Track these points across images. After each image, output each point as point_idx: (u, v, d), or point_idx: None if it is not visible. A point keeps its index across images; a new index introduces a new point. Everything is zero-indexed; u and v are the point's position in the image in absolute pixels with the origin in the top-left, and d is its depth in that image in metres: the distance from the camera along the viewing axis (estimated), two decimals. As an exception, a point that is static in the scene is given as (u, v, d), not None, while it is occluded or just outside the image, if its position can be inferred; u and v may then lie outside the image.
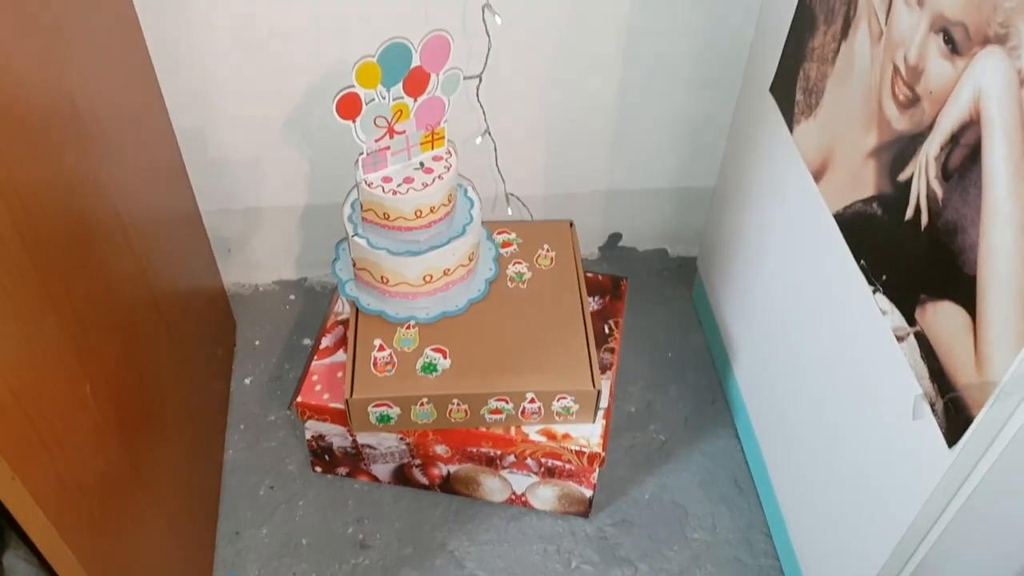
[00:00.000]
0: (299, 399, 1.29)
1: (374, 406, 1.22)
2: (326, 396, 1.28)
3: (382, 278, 1.26)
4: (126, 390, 1.02)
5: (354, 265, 1.30)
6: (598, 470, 1.29)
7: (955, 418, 0.83)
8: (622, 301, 1.46)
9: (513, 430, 1.26)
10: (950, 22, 0.81)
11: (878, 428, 0.99)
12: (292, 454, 1.45)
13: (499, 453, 1.29)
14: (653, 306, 1.69)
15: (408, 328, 1.28)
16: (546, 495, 1.36)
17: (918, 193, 0.88)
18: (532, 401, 1.23)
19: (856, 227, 1.01)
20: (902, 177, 0.91)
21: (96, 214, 0.98)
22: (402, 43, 1.10)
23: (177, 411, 1.22)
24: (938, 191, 0.84)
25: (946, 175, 0.83)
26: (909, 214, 0.89)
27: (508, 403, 1.23)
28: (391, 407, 1.23)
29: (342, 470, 1.41)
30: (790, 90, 1.16)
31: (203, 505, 1.33)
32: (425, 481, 1.39)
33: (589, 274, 1.47)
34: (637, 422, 1.51)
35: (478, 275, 1.35)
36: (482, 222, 1.34)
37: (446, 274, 1.27)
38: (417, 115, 1.18)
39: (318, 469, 1.42)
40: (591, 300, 1.44)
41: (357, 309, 1.30)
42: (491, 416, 1.25)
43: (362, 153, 1.18)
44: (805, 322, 1.18)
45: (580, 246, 1.45)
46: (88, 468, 0.88)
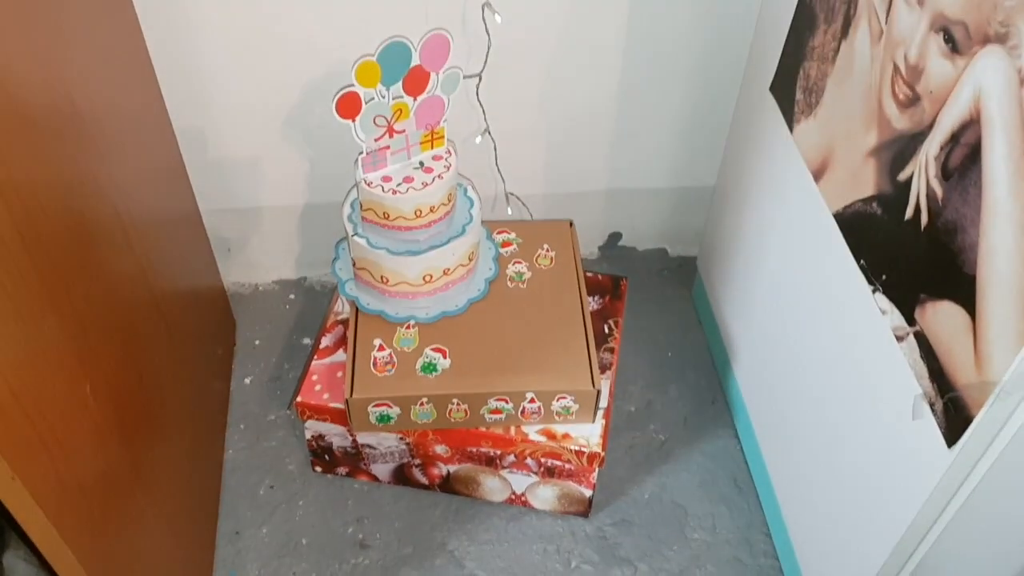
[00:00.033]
0: (299, 399, 1.29)
1: (374, 406, 1.22)
2: (326, 396, 1.28)
3: (382, 278, 1.26)
4: (126, 390, 1.02)
5: (354, 265, 1.30)
6: (598, 470, 1.29)
7: (955, 418, 0.83)
8: (622, 301, 1.46)
9: (513, 430, 1.26)
10: (950, 21, 0.81)
11: (878, 428, 0.99)
12: (292, 454, 1.46)
13: (499, 453, 1.29)
14: (653, 306, 1.69)
15: (408, 328, 1.28)
16: (546, 495, 1.36)
17: (918, 192, 0.88)
18: (532, 401, 1.23)
19: (856, 226, 1.01)
20: (902, 176, 0.91)
21: (96, 214, 0.98)
22: (402, 42, 1.10)
23: (177, 411, 1.22)
24: (938, 190, 0.84)
25: (946, 174, 0.83)
26: (909, 214, 0.89)
27: (508, 403, 1.23)
28: (391, 407, 1.23)
29: (342, 470, 1.41)
30: (790, 89, 1.16)
31: (203, 505, 1.33)
32: (425, 481, 1.39)
33: (589, 274, 1.47)
34: (637, 422, 1.51)
35: (478, 275, 1.35)
36: (482, 222, 1.34)
37: (446, 274, 1.27)
38: (417, 114, 1.18)
39: (318, 469, 1.42)
40: (591, 300, 1.44)
41: (357, 309, 1.30)
42: (491, 416, 1.25)
43: (362, 152, 1.18)
44: (805, 322, 1.18)
45: (580, 246, 1.44)
46: (88, 468, 0.88)
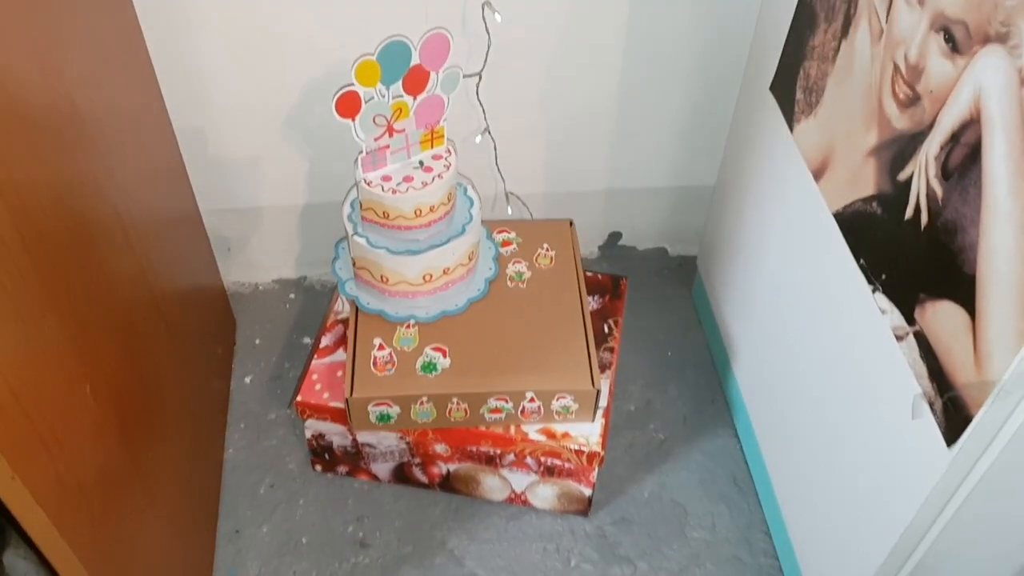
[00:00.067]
0: (299, 398, 1.29)
1: (374, 405, 1.22)
2: (326, 395, 1.28)
3: (382, 277, 1.26)
4: (126, 389, 1.02)
5: (354, 264, 1.30)
6: (597, 469, 1.30)
7: (954, 417, 0.83)
8: (622, 300, 1.46)
9: (513, 429, 1.26)
10: (951, 20, 0.81)
11: (877, 427, 0.99)
12: (292, 453, 1.46)
13: (499, 452, 1.29)
14: (653, 305, 1.69)
15: (408, 327, 1.28)
16: (545, 494, 1.36)
17: (918, 192, 0.88)
18: (532, 400, 1.23)
19: (856, 226, 1.01)
20: (902, 176, 0.91)
21: (96, 213, 0.98)
22: (401, 41, 1.10)
23: (177, 410, 1.22)
24: (938, 190, 0.84)
25: (946, 174, 0.83)
26: (909, 213, 0.89)
27: (508, 402, 1.23)
28: (391, 406, 1.23)
29: (342, 469, 1.41)
30: (790, 89, 1.16)
31: (203, 503, 1.33)
32: (425, 480, 1.39)
33: (589, 273, 1.47)
34: (636, 421, 1.51)
35: (478, 274, 1.35)
36: (482, 221, 1.34)
37: (446, 273, 1.27)
38: (417, 113, 1.18)
39: (318, 468, 1.42)
40: (591, 299, 1.44)
41: (357, 308, 1.30)
42: (491, 415, 1.25)
43: (361, 152, 1.18)
44: (804, 321, 1.18)
45: (580, 245, 1.44)
46: (88, 467, 0.88)
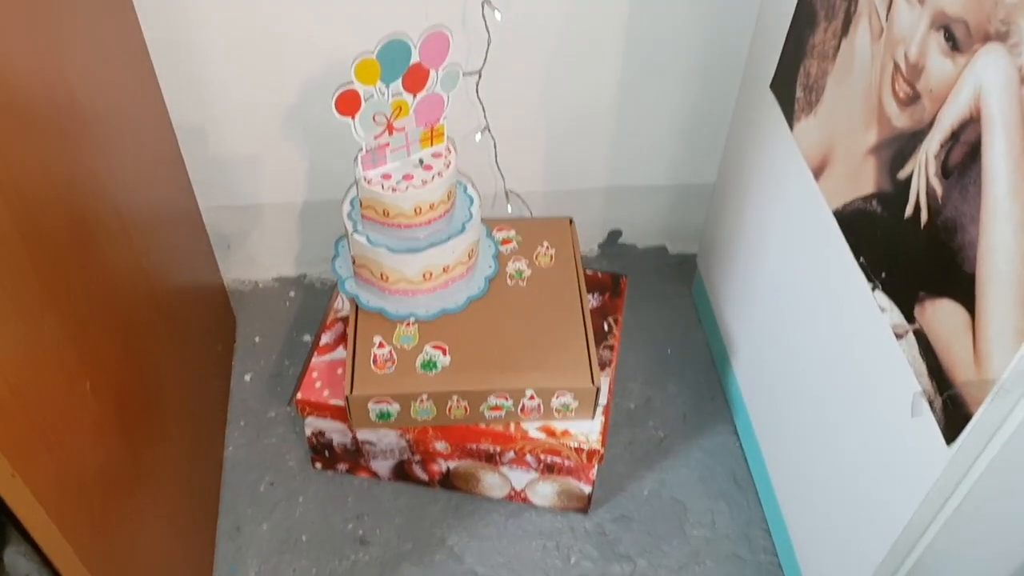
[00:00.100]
0: (299, 396, 1.29)
1: (374, 402, 1.22)
2: (326, 393, 1.28)
3: (382, 275, 1.26)
4: (126, 387, 1.02)
5: (354, 262, 1.30)
6: (597, 466, 1.30)
7: (953, 415, 0.83)
8: (621, 298, 1.46)
9: (512, 427, 1.27)
10: (951, 19, 0.81)
11: (877, 425, 0.99)
12: (292, 450, 1.46)
13: (498, 449, 1.30)
14: (653, 303, 1.69)
15: (408, 325, 1.28)
16: (545, 491, 1.36)
17: (918, 191, 0.88)
18: (532, 398, 1.23)
19: (856, 224, 1.01)
20: (902, 174, 0.91)
21: (96, 211, 0.98)
22: (401, 39, 1.09)
23: (177, 407, 1.22)
24: (938, 189, 0.84)
25: (946, 173, 0.83)
26: (909, 212, 0.89)
27: (508, 400, 1.23)
28: (391, 404, 1.23)
29: (342, 466, 1.41)
30: (790, 87, 1.16)
31: (203, 501, 1.34)
32: (425, 477, 1.39)
33: (589, 271, 1.47)
34: (636, 418, 1.51)
35: (478, 272, 1.35)
36: (482, 219, 1.34)
37: (446, 271, 1.27)
38: (416, 111, 1.18)
39: (318, 465, 1.42)
40: (590, 297, 1.44)
41: (357, 306, 1.30)
42: (491, 413, 1.25)
43: (361, 150, 1.18)
44: (804, 319, 1.18)
45: (580, 243, 1.44)
46: (88, 464, 0.88)
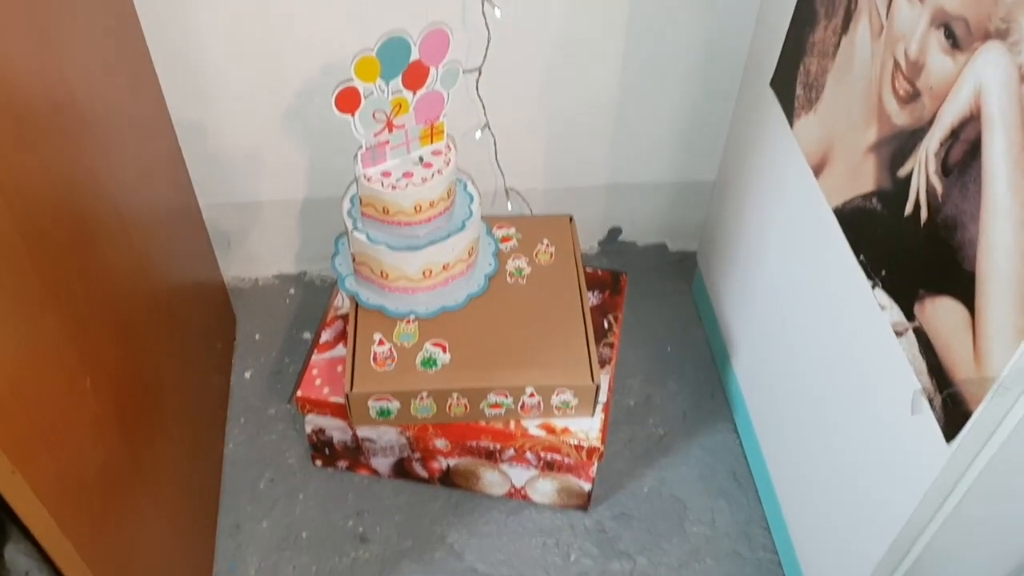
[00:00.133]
0: (299, 393, 1.29)
1: (374, 400, 1.22)
2: (326, 390, 1.29)
3: (381, 273, 1.26)
4: (126, 384, 1.02)
5: (353, 260, 1.30)
6: (597, 464, 1.30)
7: (953, 413, 0.83)
8: (621, 296, 1.46)
9: (512, 424, 1.27)
10: (951, 17, 0.81)
11: (876, 423, 0.99)
12: (292, 448, 1.46)
13: (498, 447, 1.30)
14: (653, 301, 1.69)
15: (408, 323, 1.28)
16: (545, 488, 1.36)
17: (918, 188, 0.88)
18: (531, 395, 1.23)
19: (856, 222, 1.01)
20: (902, 172, 0.91)
21: (95, 209, 0.98)
22: (401, 37, 1.09)
23: (177, 405, 1.23)
24: (938, 186, 0.84)
25: (946, 171, 0.83)
26: (909, 209, 0.89)
27: (507, 397, 1.23)
28: (391, 401, 1.23)
29: (342, 464, 1.41)
30: (790, 84, 1.16)
31: (203, 498, 1.34)
32: (425, 475, 1.39)
33: (589, 269, 1.47)
34: (636, 416, 1.51)
35: (477, 270, 1.35)
36: (481, 217, 1.34)
37: (445, 269, 1.27)
38: (416, 109, 1.18)
39: (318, 463, 1.42)
40: (590, 295, 1.44)
41: (357, 304, 1.30)
42: (491, 410, 1.25)
43: (361, 147, 1.18)
44: (804, 317, 1.18)
45: (580, 241, 1.44)
46: (88, 462, 0.89)
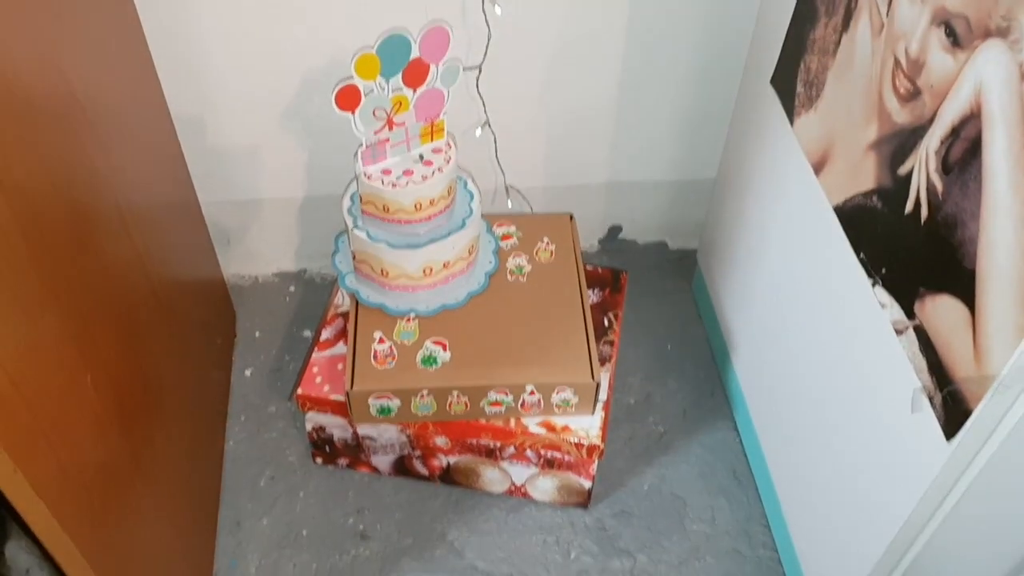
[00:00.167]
0: (299, 391, 1.29)
1: (374, 398, 1.22)
2: (326, 388, 1.29)
3: (382, 271, 1.26)
4: (126, 381, 1.02)
5: (354, 258, 1.30)
6: (597, 461, 1.30)
7: (953, 411, 0.83)
8: (622, 294, 1.46)
9: (513, 422, 1.27)
10: (952, 15, 0.81)
11: (876, 421, 0.99)
12: (292, 445, 1.46)
13: (499, 445, 1.30)
14: (653, 299, 1.69)
15: (408, 321, 1.28)
16: (545, 486, 1.36)
17: (918, 186, 0.88)
18: (532, 393, 1.23)
19: (856, 220, 1.01)
20: (902, 170, 0.91)
21: (95, 205, 0.98)
22: (401, 34, 1.09)
23: (177, 402, 1.23)
24: (938, 185, 0.84)
25: (946, 169, 0.83)
26: (909, 207, 0.89)
27: (508, 395, 1.23)
28: (391, 399, 1.23)
29: (342, 461, 1.41)
30: (791, 82, 1.16)
31: (204, 495, 1.34)
32: (425, 472, 1.39)
33: (589, 267, 1.47)
34: (636, 414, 1.51)
35: (478, 268, 1.35)
36: (482, 215, 1.34)
37: (446, 267, 1.27)
38: (416, 107, 1.18)
39: (319, 460, 1.42)
40: (591, 293, 1.44)
41: (357, 302, 1.30)
42: (491, 408, 1.25)
43: (361, 145, 1.18)
44: (804, 315, 1.18)
45: (580, 239, 1.44)
46: (89, 459, 0.89)
